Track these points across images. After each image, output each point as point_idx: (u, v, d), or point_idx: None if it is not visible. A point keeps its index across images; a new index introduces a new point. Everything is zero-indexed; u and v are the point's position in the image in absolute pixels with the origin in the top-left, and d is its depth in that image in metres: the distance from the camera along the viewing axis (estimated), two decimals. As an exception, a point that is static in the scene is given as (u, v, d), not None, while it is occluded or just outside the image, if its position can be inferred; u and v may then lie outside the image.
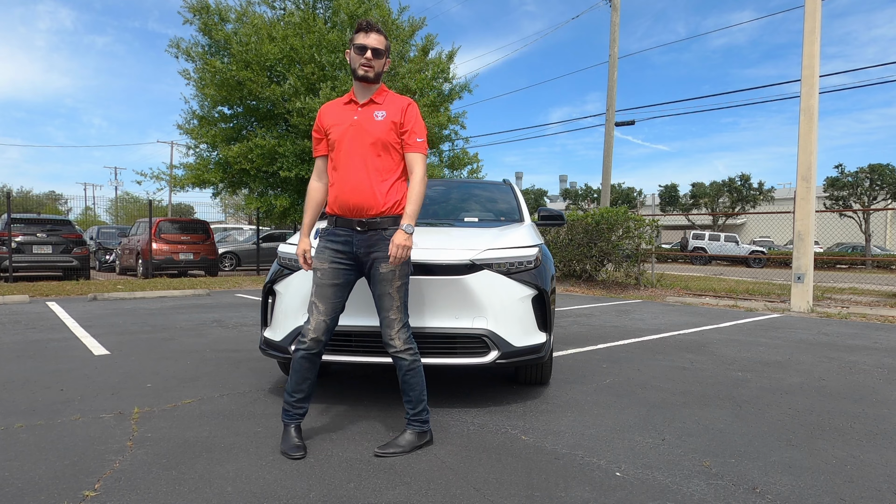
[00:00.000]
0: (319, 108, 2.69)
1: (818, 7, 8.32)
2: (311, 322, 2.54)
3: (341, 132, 2.57)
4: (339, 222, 2.59)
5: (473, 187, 5.34)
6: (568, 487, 2.24)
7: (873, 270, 20.40)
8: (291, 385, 2.61)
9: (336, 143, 2.58)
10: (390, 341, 2.60)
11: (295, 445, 2.53)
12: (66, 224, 12.98)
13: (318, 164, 2.71)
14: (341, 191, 2.55)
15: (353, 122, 2.57)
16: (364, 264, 2.61)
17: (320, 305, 2.55)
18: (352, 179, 2.54)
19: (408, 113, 2.62)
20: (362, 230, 2.55)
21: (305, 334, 2.55)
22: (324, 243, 2.60)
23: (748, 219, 39.53)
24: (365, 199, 2.53)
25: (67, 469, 2.34)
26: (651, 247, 11.80)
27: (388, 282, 2.57)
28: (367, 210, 2.54)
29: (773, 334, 6.18)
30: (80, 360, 4.43)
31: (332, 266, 2.56)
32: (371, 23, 2.56)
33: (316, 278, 2.57)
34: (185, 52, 12.86)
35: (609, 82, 15.27)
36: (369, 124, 2.57)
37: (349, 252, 2.58)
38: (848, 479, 2.35)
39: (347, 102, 2.65)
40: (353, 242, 2.57)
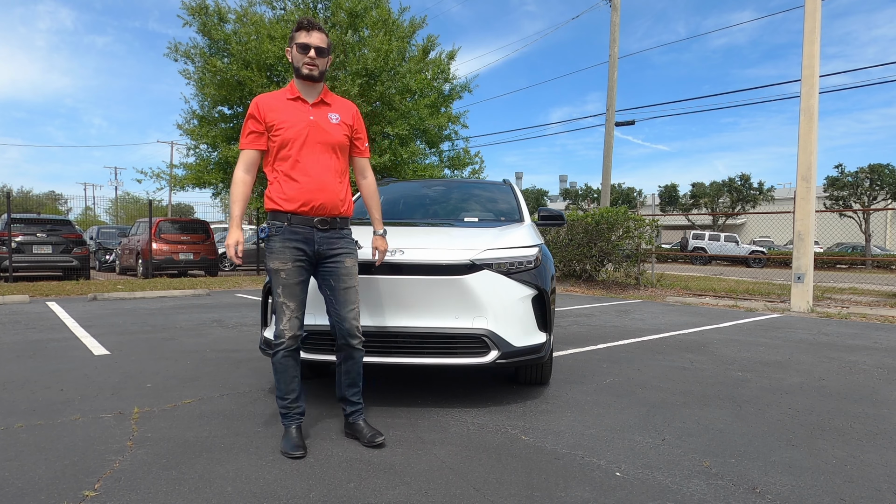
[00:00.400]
0: (255, 101, 2.61)
1: (818, 7, 8.32)
2: (284, 322, 2.56)
3: (298, 131, 2.56)
4: (295, 220, 2.56)
5: (473, 187, 5.34)
6: (568, 487, 2.24)
7: (873, 270, 20.40)
8: (282, 388, 2.62)
9: (292, 141, 2.56)
10: (357, 333, 2.69)
11: (295, 445, 2.54)
12: (66, 224, 12.98)
13: (250, 157, 2.62)
14: (305, 189, 2.55)
15: (311, 122, 2.59)
16: (322, 261, 2.65)
17: (290, 304, 2.57)
18: (317, 179, 2.57)
19: (358, 118, 2.75)
20: (324, 228, 2.60)
21: (282, 334, 2.57)
22: (282, 243, 2.56)
23: (748, 219, 39.54)
24: (330, 199, 2.59)
25: (67, 469, 2.34)
26: (651, 247, 11.80)
27: (353, 276, 2.69)
28: (331, 209, 2.60)
29: (773, 334, 6.18)
30: (80, 360, 4.43)
31: (295, 265, 2.58)
32: (312, 21, 2.58)
33: (280, 279, 2.56)
34: (183, 55, 12.87)
35: (609, 82, 15.27)
36: (327, 126, 2.62)
37: (309, 250, 2.60)
38: (848, 479, 2.35)
39: (293, 99, 2.62)
40: (315, 240, 2.60)
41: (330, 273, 2.66)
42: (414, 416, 3.09)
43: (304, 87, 2.63)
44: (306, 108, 2.61)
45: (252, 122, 2.60)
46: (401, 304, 3.06)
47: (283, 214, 2.57)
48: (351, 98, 11.60)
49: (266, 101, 2.61)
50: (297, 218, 2.57)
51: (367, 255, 3.09)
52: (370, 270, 3.06)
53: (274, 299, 2.60)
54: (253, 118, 2.60)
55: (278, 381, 2.62)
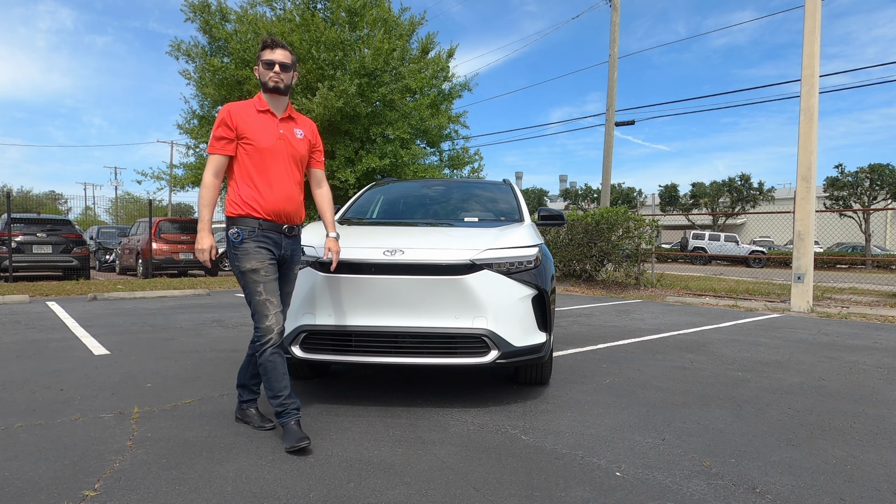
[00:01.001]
0: (226, 108, 2.72)
1: (818, 7, 8.32)
2: (271, 318, 2.64)
3: (270, 143, 2.71)
4: (265, 226, 2.70)
5: (473, 187, 5.34)
6: (568, 487, 2.24)
7: (873, 270, 20.39)
8: (274, 386, 2.65)
9: (263, 151, 2.69)
10: None
11: (300, 437, 2.56)
12: (66, 224, 12.97)
13: (220, 162, 2.70)
14: (275, 199, 2.70)
15: (281, 135, 2.75)
16: (282, 265, 2.83)
17: (273, 300, 2.67)
18: (285, 190, 2.74)
19: (316, 134, 2.98)
20: (291, 234, 2.81)
21: (270, 330, 2.63)
22: (256, 245, 2.68)
23: (748, 219, 39.53)
24: (295, 209, 2.80)
25: (67, 469, 2.34)
26: (651, 247, 11.80)
27: (293, 282, 2.93)
28: (294, 217, 2.81)
29: (773, 334, 6.18)
30: (80, 360, 4.43)
31: (270, 263, 2.70)
32: (276, 40, 2.77)
33: (260, 277, 2.65)
34: (185, 53, 12.86)
35: (609, 82, 15.27)
36: (294, 140, 2.80)
37: (277, 253, 2.76)
38: (848, 479, 2.35)
39: (262, 111, 2.75)
40: (282, 245, 2.77)
41: (283, 276, 2.85)
42: (414, 416, 3.09)
43: (271, 100, 2.78)
44: (275, 121, 2.76)
45: (224, 128, 2.68)
46: (401, 304, 3.06)
47: (254, 220, 2.68)
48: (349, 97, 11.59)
49: (238, 109, 2.72)
50: (268, 224, 2.70)
51: (366, 255, 3.09)
52: (370, 270, 3.06)
53: (254, 298, 2.65)
54: (225, 125, 2.68)
55: (269, 381, 2.65)
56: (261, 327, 2.63)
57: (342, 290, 3.09)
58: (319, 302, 3.12)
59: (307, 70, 12.02)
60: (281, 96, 2.78)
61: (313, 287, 3.12)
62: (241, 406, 2.96)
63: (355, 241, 3.36)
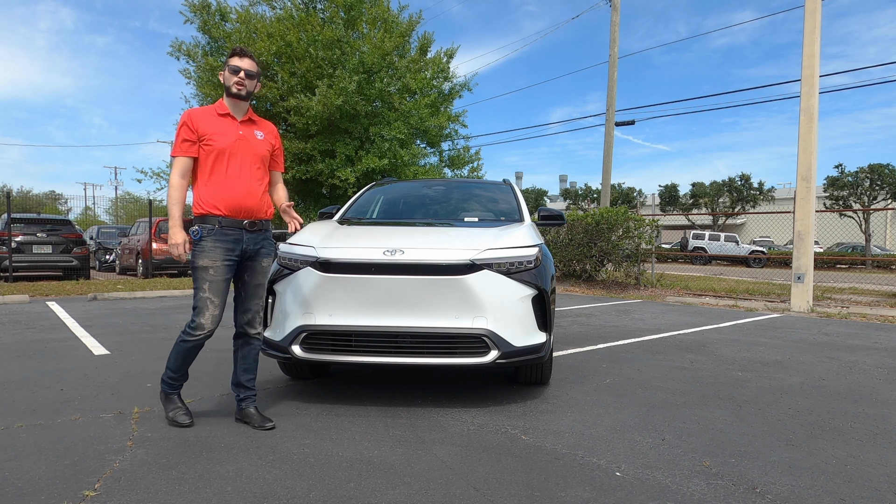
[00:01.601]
0: (187, 113, 2.85)
1: (818, 7, 8.32)
2: (206, 317, 2.80)
3: (229, 143, 2.84)
4: (225, 223, 2.82)
5: (473, 187, 5.34)
6: (568, 487, 2.24)
7: (873, 270, 20.39)
8: (177, 366, 2.90)
9: (223, 151, 2.83)
10: (256, 324, 3.01)
11: (186, 412, 2.91)
12: (66, 224, 12.97)
13: (185, 164, 2.84)
14: (235, 195, 2.84)
15: (240, 136, 2.89)
16: (246, 259, 2.94)
17: (215, 299, 2.81)
18: (244, 186, 2.87)
19: (277, 138, 3.12)
20: (251, 230, 2.90)
21: (202, 327, 2.80)
22: (213, 243, 2.80)
23: (748, 219, 39.53)
24: (255, 204, 2.91)
25: (67, 469, 2.34)
26: (651, 247, 11.80)
27: (266, 274, 3.03)
28: (256, 213, 2.92)
29: (773, 334, 6.18)
30: (80, 360, 4.43)
31: (224, 263, 2.82)
32: (245, 49, 2.92)
33: (209, 275, 2.79)
34: (186, 54, 12.88)
35: (609, 82, 15.27)
36: (254, 141, 2.94)
37: (238, 249, 2.87)
38: (848, 479, 2.35)
39: (223, 115, 2.90)
40: (243, 240, 2.88)
41: (248, 269, 2.96)
42: (414, 416, 3.09)
43: (232, 104, 2.92)
44: (235, 124, 2.91)
45: (186, 130, 2.81)
46: (401, 304, 3.06)
47: (214, 218, 2.81)
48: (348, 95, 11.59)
49: (198, 114, 2.86)
50: (228, 221, 2.83)
51: (366, 255, 3.10)
52: (370, 270, 3.06)
53: (198, 294, 2.80)
54: (186, 127, 2.82)
55: (177, 361, 2.88)
56: (195, 321, 2.80)
57: (342, 290, 3.09)
58: (319, 302, 3.11)
59: (306, 68, 12.02)
60: (242, 101, 2.92)
61: (313, 287, 3.12)
62: (239, 406, 3.01)
63: (355, 241, 3.36)
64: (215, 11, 12.75)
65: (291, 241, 3.47)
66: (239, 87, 2.86)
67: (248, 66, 2.88)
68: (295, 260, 3.27)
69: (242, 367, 3.00)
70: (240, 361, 3.00)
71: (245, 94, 2.90)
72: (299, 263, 3.23)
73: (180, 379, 2.97)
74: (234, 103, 2.92)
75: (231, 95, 2.89)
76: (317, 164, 12.50)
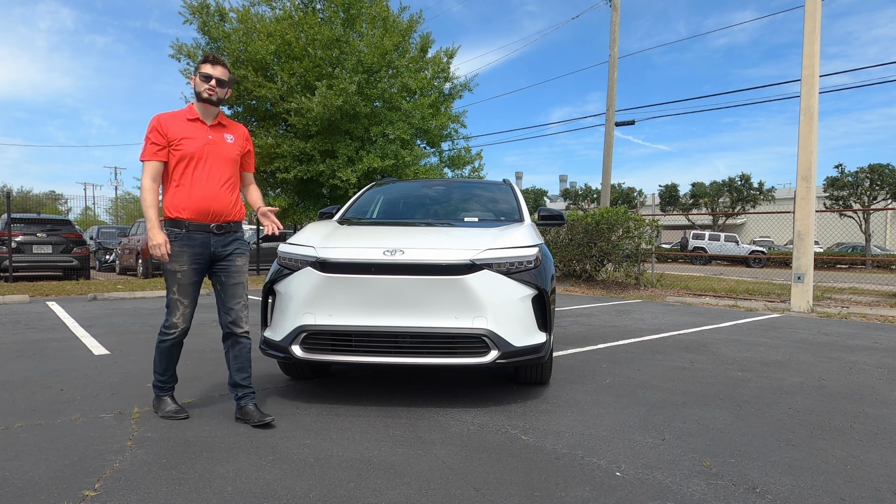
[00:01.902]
0: (156, 117, 2.89)
1: (818, 7, 8.32)
2: (178, 315, 2.93)
3: (198, 147, 2.89)
4: (192, 226, 2.89)
5: (473, 187, 5.34)
6: (568, 487, 2.24)
7: (873, 270, 20.39)
8: (163, 367, 3.03)
9: (192, 155, 2.88)
10: (241, 323, 3.03)
11: (178, 409, 3.03)
12: (66, 224, 12.97)
13: (155, 167, 2.88)
14: (202, 198, 2.88)
15: (209, 140, 2.93)
16: (217, 260, 3.00)
17: (184, 301, 2.94)
18: (212, 189, 2.91)
19: (248, 140, 3.17)
20: (219, 232, 2.95)
21: (175, 326, 2.94)
22: (180, 247, 2.88)
23: (748, 219, 39.52)
24: (223, 207, 2.95)
25: (67, 469, 2.34)
26: (651, 247, 11.80)
27: (242, 273, 3.06)
28: (224, 215, 2.96)
29: (773, 334, 6.18)
30: (80, 360, 4.43)
31: (191, 267, 2.92)
32: (217, 57, 2.96)
33: (176, 279, 2.90)
34: (186, 55, 12.89)
35: (609, 82, 15.27)
36: (224, 144, 2.99)
37: (206, 252, 2.94)
38: (848, 479, 2.35)
39: (192, 119, 2.94)
40: (211, 243, 2.94)
41: (222, 270, 3.01)
42: (414, 416, 3.09)
43: (202, 109, 2.97)
44: (205, 128, 2.95)
45: (155, 135, 2.86)
46: (401, 304, 3.06)
47: (181, 222, 2.88)
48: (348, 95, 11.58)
49: (167, 119, 2.91)
50: (195, 224, 2.89)
51: (367, 255, 3.10)
52: (370, 270, 3.06)
53: (169, 295, 2.94)
54: (156, 132, 2.86)
55: (161, 363, 3.02)
56: (169, 321, 2.95)
57: (342, 290, 3.09)
58: (319, 302, 3.11)
59: (305, 69, 12.01)
60: (212, 107, 2.97)
61: (313, 287, 3.12)
62: (238, 405, 3.03)
63: (355, 241, 3.36)
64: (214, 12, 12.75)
65: (291, 241, 3.48)
66: (210, 94, 2.92)
67: (220, 73, 2.93)
68: (295, 260, 3.27)
69: (236, 366, 3.03)
70: (232, 362, 3.04)
71: (216, 101, 2.95)
72: (299, 263, 3.23)
73: (169, 381, 3.09)
74: (203, 108, 2.96)
75: (202, 101, 2.93)
76: (317, 164, 12.49)
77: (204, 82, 2.90)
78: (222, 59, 2.99)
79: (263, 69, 12.44)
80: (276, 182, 13.37)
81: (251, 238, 17.51)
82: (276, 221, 3.13)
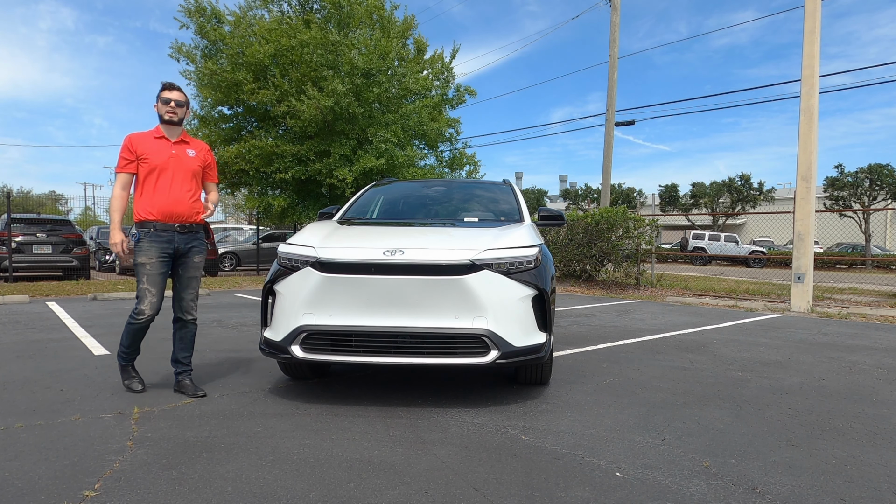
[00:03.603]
0: (128, 137, 3.41)
1: (818, 7, 8.32)
2: (146, 303, 3.34)
3: (163, 161, 3.38)
4: (159, 227, 3.36)
5: (473, 187, 5.34)
6: (568, 487, 2.24)
7: (873, 270, 20.39)
8: (129, 344, 3.46)
9: (158, 167, 3.37)
10: (192, 311, 3.55)
11: (138, 381, 3.53)
12: (66, 224, 12.96)
13: (125, 179, 3.41)
14: (165, 203, 3.37)
15: (173, 154, 3.43)
16: (179, 256, 3.47)
17: (153, 289, 3.35)
18: (175, 196, 3.40)
19: (209, 154, 3.68)
20: (182, 232, 3.43)
21: (143, 312, 3.34)
22: (149, 243, 3.35)
23: (748, 219, 39.52)
24: (185, 210, 3.44)
25: (67, 469, 2.34)
26: (651, 247, 11.80)
27: (198, 268, 3.57)
28: (186, 218, 3.45)
29: (773, 334, 6.18)
30: (80, 360, 4.43)
31: (159, 260, 3.37)
32: (173, 84, 3.49)
33: (146, 270, 3.33)
34: (186, 55, 12.90)
35: (609, 82, 15.28)
36: (185, 158, 3.48)
37: (171, 248, 3.41)
38: (848, 479, 2.35)
39: (158, 137, 3.44)
40: (175, 241, 3.42)
41: (182, 265, 3.51)
42: (414, 416, 3.10)
43: (167, 129, 3.47)
44: (169, 144, 3.45)
45: (126, 151, 3.38)
46: (401, 305, 3.06)
47: (150, 223, 3.36)
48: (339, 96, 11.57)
49: (137, 137, 3.42)
50: (161, 225, 3.37)
51: (366, 255, 3.10)
52: (370, 270, 3.06)
53: (139, 285, 3.35)
54: (127, 149, 3.38)
55: (128, 341, 3.44)
56: (138, 308, 3.35)
57: (342, 290, 3.09)
58: (319, 302, 3.12)
59: (302, 73, 12.01)
60: (175, 126, 3.48)
61: (313, 287, 3.12)
62: (177, 378, 3.53)
63: (355, 241, 3.36)
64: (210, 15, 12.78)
65: (291, 241, 3.48)
66: (171, 115, 3.43)
67: (177, 97, 3.46)
68: (295, 260, 3.27)
69: (180, 346, 3.55)
70: (178, 342, 3.55)
71: (177, 121, 3.46)
72: (299, 263, 3.23)
73: (133, 353, 3.53)
74: (167, 128, 3.47)
75: (165, 122, 3.45)
76: (314, 164, 12.51)
77: (164, 105, 3.42)
78: (177, 84, 3.51)
79: (262, 72, 12.44)
80: (276, 182, 13.37)
81: (251, 238, 17.53)
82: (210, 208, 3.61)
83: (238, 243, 17.90)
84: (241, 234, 19.57)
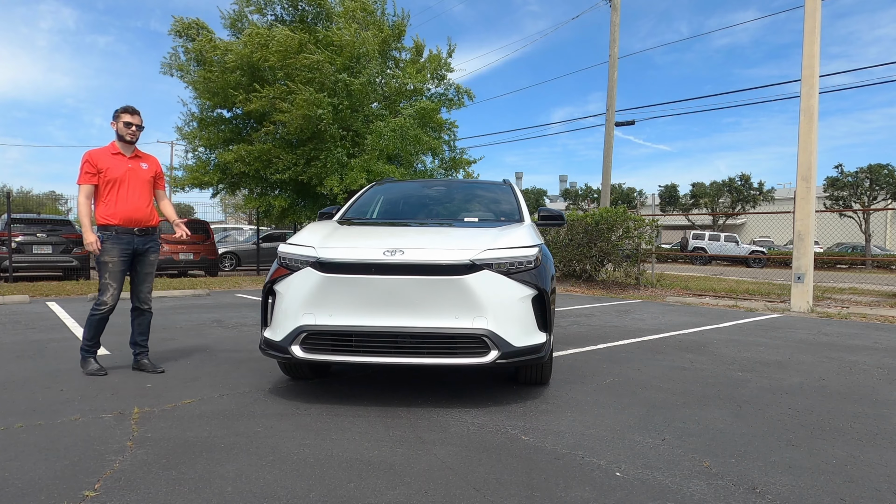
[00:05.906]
0: (87, 153, 3.90)
1: (818, 7, 8.32)
2: (108, 296, 3.88)
3: (122, 173, 3.93)
4: (120, 230, 3.91)
5: (474, 187, 5.34)
6: (568, 487, 2.24)
7: (873, 270, 20.39)
8: (91, 335, 3.95)
9: (117, 179, 3.91)
10: (148, 301, 4.14)
11: (98, 368, 3.94)
12: (66, 224, 12.95)
13: (88, 189, 3.90)
14: (124, 210, 3.91)
15: (129, 168, 3.98)
16: (137, 255, 4.02)
17: (114, 283, 3.90)
18: (132, 203, 3.95)
19: (159, 166, 4.25)
20: (140, 234, 4.00)
21: (105, 304, 3.88)
22: (111, 245, 3.89)
23: (748, 219, 39.51)
24: (143, 216, 4.01)
25: (67, 469, 2.34)
26: (651, 247, 11.80)
27: (153, 265, 4.17)
28: (144, 222, 4.02)
29: (773, 334, 6.18)
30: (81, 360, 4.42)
31: (119, 259, 3.91)
32: (134, 109, 4.02)
33: (109, 267, 3.87)
34: (179, 68, 13.05)
35: (609, 82, 15.27)
36: (140, 171, 4.04)
37: (130, 248, 3.96)
38: (848, 479, 2.35)
39: (115, 153, 3.96)
40: (134, 242, 3.98)
41: (140, 262, 4.08)
42: (414, 416, 3.09)
43: (123, 146, 4.02)
44: (125, 159, 4.00)
45: (87, 166, 3.88)
46: (401, 305, 3.06)
47: (112, 227, 3.90)
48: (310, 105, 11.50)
49: (96, 153, 3.93)
50: (122, 229, 3.92)
51: (367, 255, 3.10)
52: (370, 270, 3.06)
53: (101, 280, 3.88)
54: (88, 164, 3.88)
55: (90, 332, 3.93)
56: (100, 300, 3.89)
57: (342, 291, 3.09)
58: (319, 302, 3.11)
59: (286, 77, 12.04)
60: (131, 145, 4.03)
61: (313, 287, 3.12)
62: (136, 359, 4.10)
63: (355, 241, 3.36)
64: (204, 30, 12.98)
65: (291, 241, 3.48)
66: (131, 137, 3.99)
67: (138, 121, 4.01)
68: (295, 260, 3.27)
69: (138, 331, 4.12)
70: (136, 327, 4.12)
71: (135, 141, 4.03)
72: (299, 263, 3.23)
73: (94, 346, 4.00)
74: (124, 146, 4.01)
75: (124, 141, 3.98)
76: (308, 168, 12.58)
77: (126, 128, 3.96)
78: (137, 109, 4.03)
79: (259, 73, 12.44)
80: (275, 182, 13.37)
81: (251, 238, 17.53)
82: (186, 229, 4.22)
83: (238, 243, 17.90)
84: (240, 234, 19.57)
